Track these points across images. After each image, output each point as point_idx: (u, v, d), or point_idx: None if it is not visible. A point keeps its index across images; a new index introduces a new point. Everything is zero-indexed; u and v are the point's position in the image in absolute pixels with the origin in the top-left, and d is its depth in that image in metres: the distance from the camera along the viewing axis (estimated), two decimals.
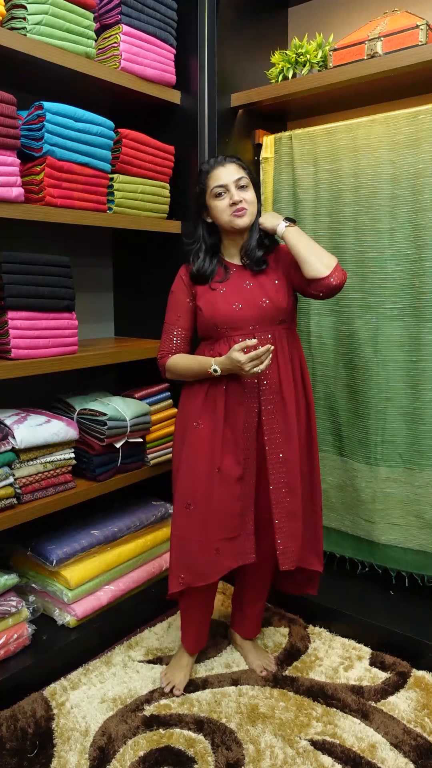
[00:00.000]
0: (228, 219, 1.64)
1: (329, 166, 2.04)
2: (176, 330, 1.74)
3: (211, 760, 1.52)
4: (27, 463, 1.79)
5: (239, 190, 1.64)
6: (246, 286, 1.67)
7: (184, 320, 1.74)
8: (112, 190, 1.97)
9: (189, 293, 1.73)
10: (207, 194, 1.66)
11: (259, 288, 1.66)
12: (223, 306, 1.65)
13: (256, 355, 1.53)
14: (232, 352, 1.55)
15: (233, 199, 1.62)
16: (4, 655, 1.73)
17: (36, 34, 1.68)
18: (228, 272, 1.71)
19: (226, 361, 1.58)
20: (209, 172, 1.66)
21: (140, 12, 1.95)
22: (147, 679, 1.83)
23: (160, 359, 1.77)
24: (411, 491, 2.01)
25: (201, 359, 1.66)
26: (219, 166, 1.65)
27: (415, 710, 1.68)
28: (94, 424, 1.98)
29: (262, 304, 1.65)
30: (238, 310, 1.65)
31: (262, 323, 1.66)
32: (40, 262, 1.78)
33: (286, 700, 1.72)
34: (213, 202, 1.65)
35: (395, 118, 1.89)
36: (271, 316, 1.65)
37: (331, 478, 2.20)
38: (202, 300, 1.69)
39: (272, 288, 1.67)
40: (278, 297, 1.66)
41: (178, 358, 1.72)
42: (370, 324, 2.02)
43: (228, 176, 1.63)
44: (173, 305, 1.76)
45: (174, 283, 1.76)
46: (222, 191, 1.63)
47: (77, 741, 1.58)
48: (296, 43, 2.02)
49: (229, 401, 1.65)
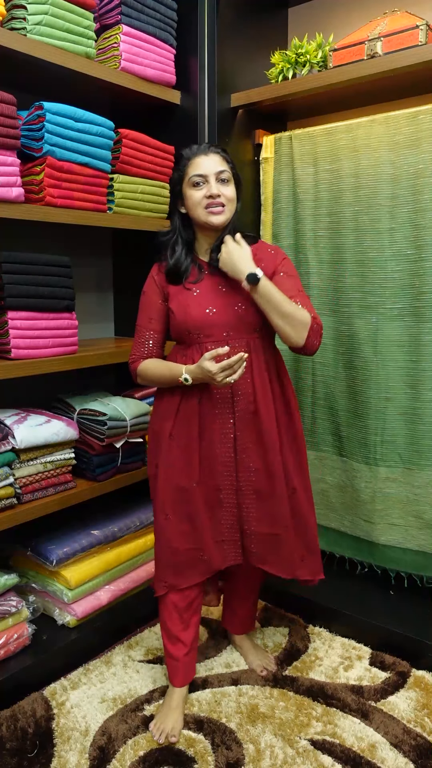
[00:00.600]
0: (202, 213, 1.53)
1: (329, 166, 2.04)
2: (148, 333, 1.65)
3: (211, 760, 1.52)
4: (27, 463, 1.79)
5: (219, 183, 1.53)
6: (221, 289, 1.58)
7: (156, 323, 1.65)
8: (112, 190, 1.97)
9: (161, 294, 1.63)
10: (184, 182, 1.56)
11: (235, 292, 1.56)
12: (196, 310, 1.56)
13: (228, 364, 1.44)
14: (203, 362, 1.46)
15: (211, 191, 1.51)
16: (4, 655, 1.73)
17: (36, 34, 1.68)
18: (202, 272, 1.61)
19: (197, 371, 1.49)
20: (190, 159, 1.55)
21: (140, 12, 1.95)
22: (147, 679, 1.83)
23: (132, 363, 1.68)
24: (410, 491, 2.01)
25: (172, 366, 1.57)
26: (201, 154, 1.54)
27: (415, 710, 1.68)
28: (94, 424, 1.98)
29: (238, 310, 1.55)
30: (211, 315, 1.55)
31: (237, 330, 1.56)
32: (40, 262, 1.78)
33: (286, 700, 1.73)
34: (189, 191, 1.55)
35: (395, 118, 1.89)
36: (246, 322, 1.56)
37: (330, 478, 2.20)
38: (174, 302, 1.59)
39: (247, 292, 1.53)
40: (252, 303, 1.54)
41: (150, 364, 1.63)
42: (370, 324, 2.02)
43: (209, 167, 1.53)
44: (145, 307, 1.66)
45: (146, 283, 1.67)
46: (200, 181, 1.53)
47: (77, 741, 1.58)
48: (296, 43, 2.02)
49: (203, 414, 1.58)
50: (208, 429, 1.58)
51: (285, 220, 2.18)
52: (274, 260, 1.61)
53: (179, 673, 1.68)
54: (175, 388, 1.60)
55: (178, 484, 1.61)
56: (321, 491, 2.22)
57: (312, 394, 2.18)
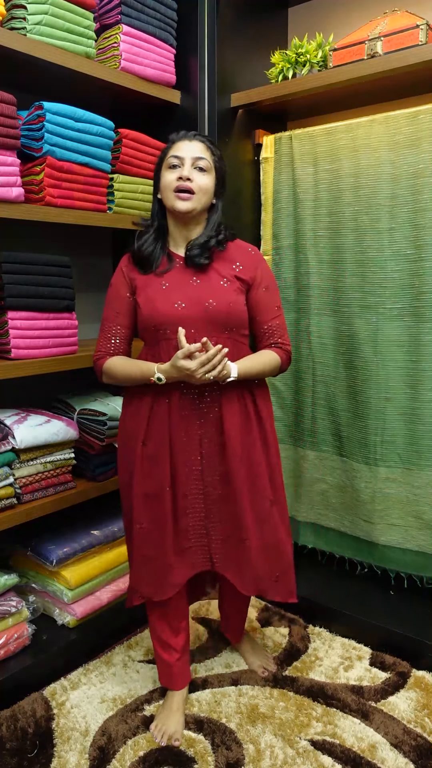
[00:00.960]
0: (170, 196, 1.47)
1: (329, 166, 2.04)
2: (115, 328, 1.56)
3: (211, 760, 1.52)
4: (27, 463, 1.79)
5: (195, 170, 1.47)
6: (192, 283, 1.50)
7: (123, 317, 1.56)
8: (112, 190, 1.97)
9: (129, 286, 1.55)
10: (163, 164, 1.51)
11: (207, 287, 1.49)
12: (164, 304, 1.47)
13: (207, 359, 1.37)
14: (177, 360, 1.38)
15: (182, 173, 1.45)
16: (4, 655, 1.73)
17: (36, 34, 1.68)
18: (172, 263, 1.53)
19: (171, 370, 1.41)
20: (173, 142, 1.51)
21: (140, 12, 1.95)
22: (147, 679, 1.83)
23: (96, 361, 1.58)
24: (410, 492, 2.01)
25: (142, 366, 1.48)
26: (185, 139, 1.50)
27: (415, 710, 1.68)
28: (94, 423, 1.98)
29: (208, 307, 1.47)
30: (180, 310, 1.47)
31: (207, 328, 1.47)
32: (40, 262, 1.78)
33: (286, 700, 1.72)
34: (164, 173, 1.50)
35: (395, 118, 1.89)
36: (218, 320, 1.48)
37: (331, 478, 2.20)
38: (141, 295, 1.51)
39: (221, 289, 1.49)
40: (226, 300, 1.48)
41: (117, 362, 1.54)
42: (370, 324, 2.02)
43: (188, 151, 1.47)
44: (112, 299, 1.57)
45: (114, 275, 1.59)
46: (176, 163, 1.47)
47: (77, 741, 1.58)
48: (296, 43, 2.02)
49: (172, 417, 1.50)
50: (177, 433, 1.51)
51: (285, 220, 2.18)
52: (254, 264, 1.56)
53: (175, 677, 1.68)
54: (145, 390, 1.52)
55: (150, 491, 1.54)
56: (321, 491, 2.22)
57: (312, 394, 2.18)
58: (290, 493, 2.30)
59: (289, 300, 2.21)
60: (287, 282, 2.21)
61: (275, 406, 2.29)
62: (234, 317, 1.50)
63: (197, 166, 1.47)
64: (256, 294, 1.55)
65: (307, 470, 2.23)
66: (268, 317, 1.57)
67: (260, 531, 1.57)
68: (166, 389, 1.49)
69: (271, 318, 1.57)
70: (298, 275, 2.17)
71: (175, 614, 1.66)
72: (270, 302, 1.57)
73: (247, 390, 1.55)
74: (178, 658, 1.67)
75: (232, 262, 1.53)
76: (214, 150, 1.51)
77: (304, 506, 2.26)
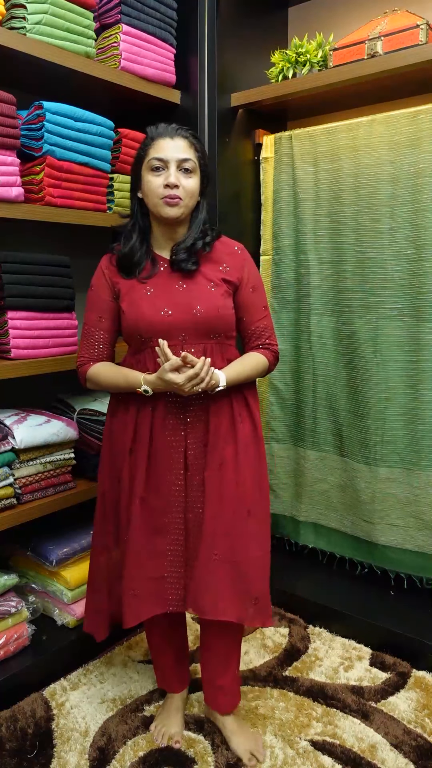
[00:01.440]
0: (157, 203, 1.38)
1: (329, 166, 2.04)
2: (98, 333, 1.49)
3: (211, 761, 1.52)
4: (27, 463, 1.79)
5: (181, 172, 1.38)
6: (178, 288, 1.42)
7: (106, 321, 1.49)
8: (112, 190, 1.97)
9: (111, 290, 1.48)
10: (143, 163, 1.40)
11: (194, 292, 1.42)
12: (150, 311, 1.40)
13: (194, 373, 1.32)
14: (164, 374, 1.33)
15: (168, 180, 1.35)
16: (3, 655, 1.73)
17: (36, 33, 1.67)
18: (156, 267, 1.45)
19: (159, 382, 1.36)
20: (153, 140, 1.39)
21: (140, 12, 1.95)
22: (147, 679, 1.82)
23: (80, 367, 1.51)
24: (410, 492, 2.01)
25: (128, 375, 1.42)
26: (166, 136, 1.38)
27: (415, 710, 1.68)
28: (94, 423, 1.98)
29: (196, 313, 1.40)
30: (167, 317, 1.40)
31: (194, 334, 1.41)
32: (40, 262, 1.78)
33: (286, 701, 1.72)
34: (146, 176, 1.39)
35: (395, 118, 1.89)
36: (206, 327, 1.41)
37: (331, 478, 2.20)
38: (125, 301, 1.44)
39: (208, 294, 1.42)
40: (214, 305, 1.42)
41: (101, 369, 1.47)
42: (370, 324, 2.02)
43: (172, 151, 1.37)
44: (94, 304, 1.50)
45: (94, 277, 1.51)
46: (159, 166, 1.37)
47: (77, 741, 1.58)
48: (296, 43, 2.01)
49: (155, 424, 1.43)
50: (159, 441, 1.43)
51: (285, 220, 2.18)
52: (240, 265, 1.49)
53: (172, 681, 1.66)
54: (130, 397, 1.46)
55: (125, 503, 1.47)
56: (322, 491, 2.22)
57: (312, 394, 2.18)
58: (291, 493, 2.31)
59: (289, 300, 2.21)
60: (287, 282, 2.21)
61: (275, 406, 2.30)
62: (222, 322, 1.44)
63: (183, 168, 1.38)
64: (243, 295, 1.50)
65: (307, 470, 2.23)
66: (256, 318, 1.52)
67: (231, 545, 1.43)
68: (150, 397, 1.42)
69: (258, 319, 1.52)
70: (298, 275, 2.17)
71: (170, 623, 1.61)
72: (257, 303, 1.52)
73: (238, 392, 1.48)
74: (175, 663, 1.65)
75: (219, 264, 1.47)
76: (198, 146, 1.41)
77: (304, 506, 2.25)
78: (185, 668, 1.70)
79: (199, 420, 1.44)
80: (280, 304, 2.24)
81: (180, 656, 1.67)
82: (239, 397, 1.49)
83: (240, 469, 1.45)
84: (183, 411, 1.43)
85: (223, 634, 1.54)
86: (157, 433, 1.43)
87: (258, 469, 1.50)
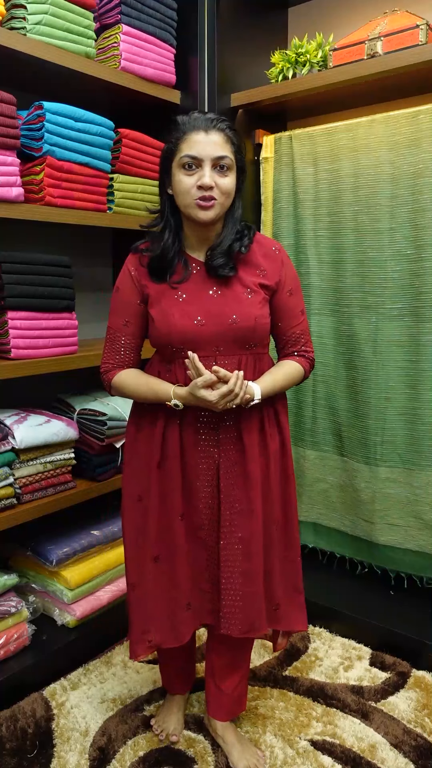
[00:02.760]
0: (188, 204, 1.28)
1: (329, 166, 2.04)
2: (124, 339, 1.40)
3: (211, 760, 1.52)
4: (27, 463, 1.79)
5: (216, 171, 1.26)
6: (212, 296, 1.33)
7: (133, 326, 1.40)
8: (112, 190, 1.97)
9: (140, 294, 1.37)
10: (174, 159, 1.29)
11: (230, 300, 1.33)
12: (182, 320, 1.30)
13: (228, 389, 1.25)
14: (196, 390, 1.26)
15: (203, 181, 1.24)
16: (4, 655, 1.73)
17: (36, 33, 1.67)
18: (188, 270, 1.35)
19: (191, 398, 1.28)
20: (185, 132, 1.27)
21: (140, 12, 1.95)
22: (147, 679, 1.82)
23: (105, 374, 1.43)
24: (410, 492, 2.01)
25: (156, 388, 1.34)
26: (201, 130, 1.25)
27: (415, 710, 1.68)
28: (94, 424, 1.98)
29: (232, 324, 1.31)
30: (200, 327, 1.30)
31: (229, 346, 1.33)
32: (40, 262, 1.78)
33: (286, 700, 1.72)
34: (178, 174, 1.28)
35: (395, 118, 1.89)
36: (240, 338, 1.32)
37: (331, 478, 2.20)
38: (155, 307, 1.34)
39: (245, 302, 1.32)
40: (251, 315, 1.32)
41: (128, 378, 1.39)
42: (370, 324, 2.02)
43: (207, 149, 1.25)
44: (119, 307, 1.40)
45: (119, 278, 1.40)
46: (193, 164, 1.25)
47: (77, 741, 1.58)
48: (296, 43, 2.02)
49: (185, 440, 1.37)
50: (191, 458, 1.37)
51: (285, 220, 2.18)
52: (278, 267, 1.40)
53: (176, 684, 1.66)
54: (157, 408, 1.38)
55: (164, 520, 1.40)
56: (322, 491, 2.22)
57: (312, 394, 2.18)
58: None
59: None
60: None
61: None
62: (259, 333, 1.35)
63: (218, 166, 1.26)
64: (280, 299, 1.40)
65: (307, 470, 2.23)
66: (293, 323, 1.44)
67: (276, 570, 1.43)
68: (176, 415, 1.36)
69: (295, 324, 1.44)
70: (299, 275, 2.16)
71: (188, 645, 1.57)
72: (294, 307, 1.43)
73: (270, 405, 1.41)
74: (181, 668, 1.65)
75: (256, 267, 1.37)
76: (235, 139, 1.29)
77: (304, 506, 2.26)
78: (191, 672, 1.69)
79: (230, 438, 1.37)
80: None
81: (188, 661, 1.66)
82: (270, 412, 1.42)
83: (270, 485, 1.41)
84: (214, 429, 1.36)
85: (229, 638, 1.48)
86: (188, 450, 1.37)
87: (285, 484, 1.45)
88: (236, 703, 1.57)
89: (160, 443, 1.38)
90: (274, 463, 1.41)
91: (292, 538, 1.48)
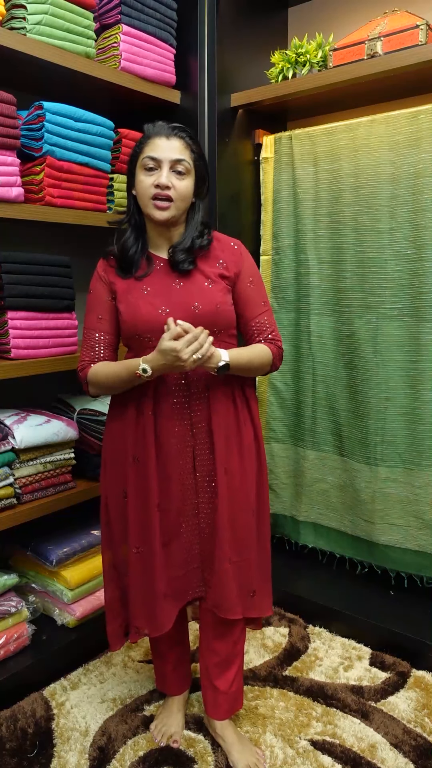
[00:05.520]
0: (147, 203, 1.36)
1: (329, 166, 2.04)
2: (98, 334, 1.46)
3: (211, 760, 1.52)
4: (27, 463, 1.79)
5: (173, 174, 1.35)
6: (175, 287, 1.40)
7: (107, 323, 1.46)
8: (112, 190, 1.97)
9: (109, 290, 1.45)
10: (138, 161, 1.38)
11: (191, 289, 1.40)
12: (147, 310, 1.38)
13: (193, 336, 1.27)
14: (163, 342, 1.28)
15: (159, 180, 1.33)
16: (4, 655, 1.73)
17: (36, 34, 1.68)
18: (152, 265, 1.43)
19: (158, 356, 1.30)
20: (149, 138, 1.36)
21: (140, 12, 1.95)
22: (147, 679, 1.83)
23: (81, 371, 1.47)
24: (410, 491, 2.01)
25: (126, 362, 1.38)
26: (162, 135, 1.35)
27: (415, 710, 1.68)
28: (94, 423, 1.98)
29: (194, 310, 1.37)
30: (164, 316, 1.36)
31: None
32: (40, 262, 1.78)
33: (286, 700, 1.72)
34: (139, 174, 1.37)
35: (395, 118, 1.89)
36: (205, 324, 1.36)
37: (331, 478, 2.20)
38: (123, 302, 1.42)
39: (206, 290, 1.40)
40: (212, 301, 1.39)
41: (99, 367, 1.43)
42: (370, 324, 2.02)
43: (166, 152, 1.34)
44: (93, 305, 1.47)
45: (92, 281, 1.50)
46: (152, 166, 1.34)
47: (77, 741, 1.58)
48: (296, 43, 2.02)
49: (160, 428, 1.41)
50: (165, 446, 1.41)
51: (285, 220, 2.18)
52: (237, 259, 1.46)
53: (172, 685, 1.66)
54: (127, 402, 1.43)
55: (141, 511, 1.44)
56: (321, 491, 2.22)
57: (312, 394, 2.18)
58: (290, 493, 2.31)
59: (289, 300, 2.21)
60: (287, 282, 2.21)
61: (275, 406, 2.30)
62: (222, 318, 1.41)
63: (176, 170, 1.35)
64: (241, 288, 1.46)
65: (307, 470, 2.23)
66: (256, 312, 1.48)
67: (239, 548, 1.47)
68: (150, 398, 1.40)
69: (259, 313, 1.48)
70: (298, 275, 2.17)
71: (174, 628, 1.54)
72: (256, 297, 1.48)
73: (239, 390, 1.47)
74: (175, 667, 1.65)
75: (216, 260, 1.44)
76: (194, 147, 1.38)
77: (304, 506, 2.26)
78: (186, 671, 1.69)
79: (204, 427, 1.43)
80: (280, 304, 2.24)
81: (181, 660, 1.67)
82: (242, 400, 1.47)
83: (245, 473, 1.46)
84: (188, 417, 1.41)
85: (223, 634, 1.54)
86: (163, 441, 1.41)
87: (259, 472, 1.51)
88: (233, 700, 1.58)
89: (133, 435, 1.43)
90: (247, 453, 1.47)
91: (265, 526, 1.53)
